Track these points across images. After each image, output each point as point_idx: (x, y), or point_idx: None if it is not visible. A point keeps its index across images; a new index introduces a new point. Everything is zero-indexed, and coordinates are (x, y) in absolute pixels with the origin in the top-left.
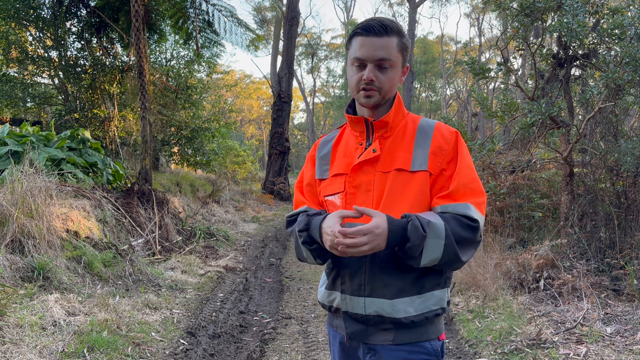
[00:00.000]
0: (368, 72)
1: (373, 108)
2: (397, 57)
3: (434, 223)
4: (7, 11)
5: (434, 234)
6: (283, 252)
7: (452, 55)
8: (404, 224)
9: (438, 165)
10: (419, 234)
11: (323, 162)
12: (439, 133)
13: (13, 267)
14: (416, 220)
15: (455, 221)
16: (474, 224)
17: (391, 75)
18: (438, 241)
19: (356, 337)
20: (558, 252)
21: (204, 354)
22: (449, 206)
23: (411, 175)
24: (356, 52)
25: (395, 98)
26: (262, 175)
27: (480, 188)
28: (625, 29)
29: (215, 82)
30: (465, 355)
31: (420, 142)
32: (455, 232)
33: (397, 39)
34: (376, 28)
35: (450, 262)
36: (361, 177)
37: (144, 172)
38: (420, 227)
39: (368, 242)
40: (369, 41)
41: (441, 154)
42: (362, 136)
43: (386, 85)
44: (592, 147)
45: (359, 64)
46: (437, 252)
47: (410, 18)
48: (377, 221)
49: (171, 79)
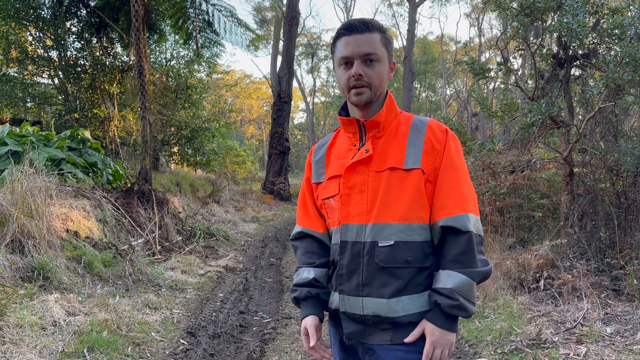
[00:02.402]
0: (356, 67)
1: (365, 106)
2: (382, 52)
3: (458, 286)
4: (7, 11)
5: (466, 291)
6: (283, 252)
7: (452, 55)
8: (449, 315)
9: (431, 164)
10: (464, 311)
11: (318, 165)
12: (431, 131)
13: (13, 267)
14: (452, 307)
15: (465, 255)
16: (472, 239)
17: (378, 69)
18: (471, 288)
19: (354, 337)
20: (558, 252)
21: (204, 354)
22: (450, 219)
23: (405, 173)
24: (342, 52)
25: (386, 97)
26: (262, 175)
27: (471, 188)
28: (625, 29)
29: (215, 82)
30: (465, 355)
31: (413, 140)
32: (468, 267)
33: (379, 34)
34: (357, 26)
35: (483, 279)
36: (355, 178)
37: (144, 172)
38: (460, 307)
39: (444, 356)
40: (352, 39)
41: (433, 153)
42: (355, 137)
43: (375, 79)
44: (592, 147)
45: (345, 62)
46: (474, 290)
47: (410, 18)
48: (432, 340)
49: (171, 79)
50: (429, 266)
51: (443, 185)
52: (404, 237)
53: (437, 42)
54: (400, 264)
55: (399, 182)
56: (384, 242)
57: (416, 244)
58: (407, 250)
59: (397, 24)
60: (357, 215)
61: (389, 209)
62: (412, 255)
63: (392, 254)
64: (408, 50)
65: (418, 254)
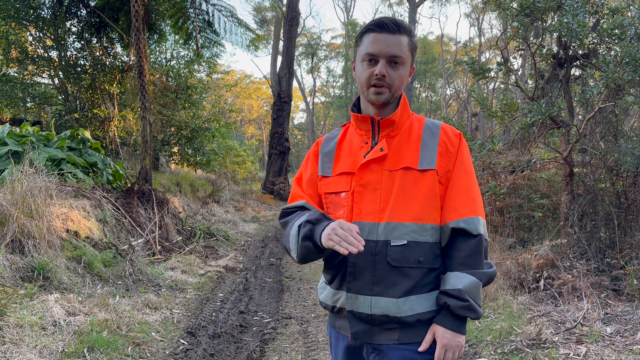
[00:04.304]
0: (380, 67)
1: (382, 106)
2: (408, 56)
3: (467, 287)
4: (7, 11)
5: (474, 293)
6: (283, 252)
7: (452, 55)
8: (458, 317)
9: (444, 166)
10: (473, 312)
11: (327, 158)
12: (445, 134)
13: (13, 267)
14: (462, 308)
15: (473, 257)
16: (482, 242)
17: (401, 72)
18: (479, 289)
19: (360, 336)
20: (558, 252)
21: (204, 354)
22: (461, 221)
23: (420, 174)
24: (368, 48)
25: (401, 97)
26: (262, 175)
27: (479, 193)
28: (625, 29)
29: (215, 82)
30: (465, 355)
31: (427, 141)
32: (476, 269)
33: (408, 38)
34: (389, 25)
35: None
36: (368, 176)
37: (144, 172)
38: (469, 308)
39: (454, 359)
40: (382, 37)
41: (447, 156)
42: (367, 135)
43: (396, 82)
44: (592, 147)
45: (370, 59)
46: (480, 292)
47: (410, 18)
48: (442, 343)
49: (171, 79)
50: (438, 267)
51: (455, 188)
52: (416, 237)
53: (437, 42)
54: (412, 264)
55: (413, 182)
56: (397, 241)
57: (427, 245)
58: (419, 251)
59: None
60: (370, 214)
61: (403, 209)
62: (423, 255)
63: (404, 253)
64: None
65: (429, 254)
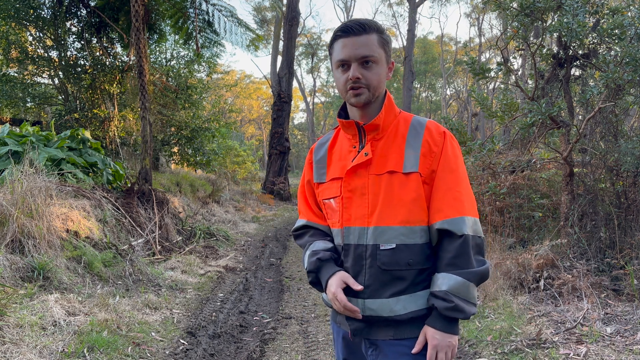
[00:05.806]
0: (353, 70)
1: (364, 107)
2: (380, 53)
3: (453, 288)
4: (7, 11)
5: (462, 292)
6: (283, 252)
7: (452, 55)
8: (447, 317)
9: (428, 166)
10: (460, 312)
11: (320, 165)
12: (429, 134)
13: (13, 267)
14: (448, 309)
15: (460, 258)
16: (468, 242)
17: (376, 71)
18: (467, 289)
19: (359, 333)
20: (558, 252)
21: (204, 354)
22: (445, 222)
23: (405, 177)
24: (339, 55)
25: (385, 97)
26: (262, 175)
27: (468, 190)
28: (625, 29)
29: (215, 82)
30: (465, 355)
31: (411, 142)
32: (463, 268)
33: (377, 35)
34: (354, 28)
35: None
36: (356, 181)
37: (144, 172)
38: (455, 309)
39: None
40: (349, 41)
41: (431, 156)
42: (355, 139)
43: (373, 81)
44: (592, 147)
45: (342, 64)
46: (471, 291)
47: (410, 18)
48: (433, 344)
49: (171, 79)
50: (429, 267)
51: (439, 188)
52: (405, 240)
53: (437, 42)
54: (401, 267)
55: (399, 186)
56: (386, 245)
57: (417, 246)
58: (409, 253)
59: (397, 24)
60: (359, 218)
61: (390, 213)
62: (413, 257)
63: (393, 257)
64: (408, 50)
65: (419, 256)
